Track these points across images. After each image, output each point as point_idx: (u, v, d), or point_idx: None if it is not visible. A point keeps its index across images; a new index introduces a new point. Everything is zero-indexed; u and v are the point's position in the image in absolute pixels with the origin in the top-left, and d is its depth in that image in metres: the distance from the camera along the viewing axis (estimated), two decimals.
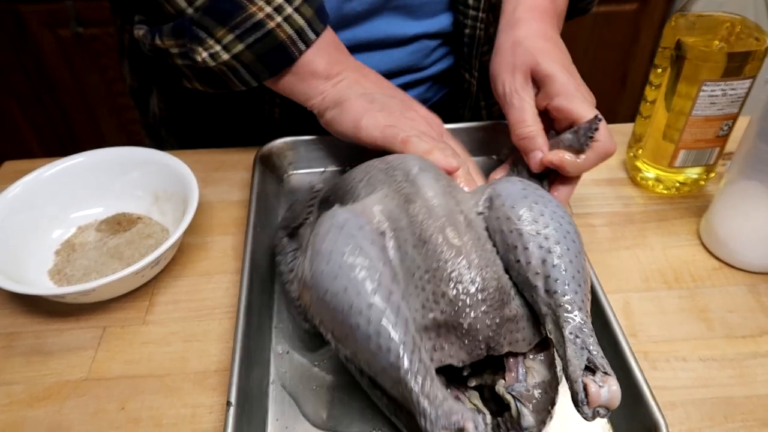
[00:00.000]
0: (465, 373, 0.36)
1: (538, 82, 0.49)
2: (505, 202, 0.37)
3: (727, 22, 0.48)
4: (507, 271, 0.36)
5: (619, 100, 1.82)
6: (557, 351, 0.33)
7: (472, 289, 0.33)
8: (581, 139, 0.46)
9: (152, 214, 0.56)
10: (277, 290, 0.49)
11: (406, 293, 0.34)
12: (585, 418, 0.31)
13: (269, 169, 0.59)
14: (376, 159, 0.44)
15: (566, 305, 0.33)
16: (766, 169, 0.46)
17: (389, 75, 0.64)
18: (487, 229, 0.38)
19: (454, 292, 0.33)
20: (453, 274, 0.34)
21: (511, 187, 0.38)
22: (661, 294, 0.48)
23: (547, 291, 0.34)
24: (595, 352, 0.31)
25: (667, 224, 0.54)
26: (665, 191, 0.57)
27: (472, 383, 0.37)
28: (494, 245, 0.37)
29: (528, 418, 0.33)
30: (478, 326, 0.33)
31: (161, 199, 0.55)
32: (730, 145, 0.54)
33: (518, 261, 0.35)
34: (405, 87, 0.67)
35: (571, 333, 0.32)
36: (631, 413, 0.38)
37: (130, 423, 0.41)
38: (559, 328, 0.32)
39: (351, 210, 0.37)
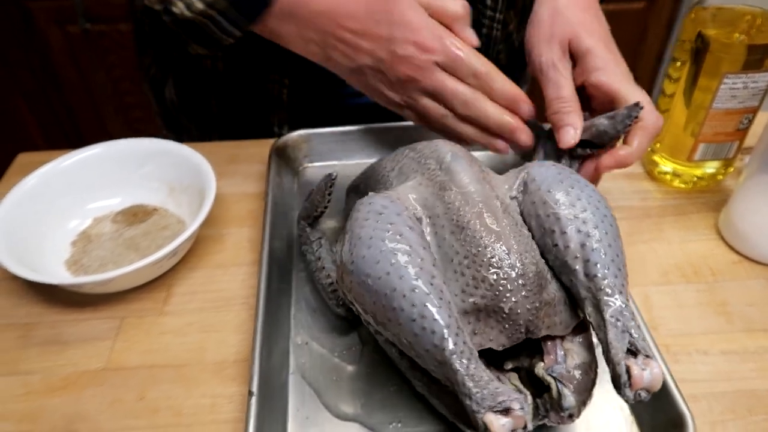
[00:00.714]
0: (502, 356, 0.36)
1: (575, 56, 0.48)
2: (540, 186, 0.37)
3: (747, 15, 0.48)
4: (543, 255, 0.36)
5: None
6: (597, 334, 0.33)
7: (513, 274, 0.34)
8: (618, 126, 0.44)
9: (168, 206, 0.55)
10: (294, 281, 0.49)
11: (445, 278, 0.35)
12: (627, 401, 0.31)
13: (284, 161, 0.59)
14: (406, 147, 0.44)
15: (606, 289, 0.33)
16: None
17: None
18: (521, 213, 0.38)
19: (495, 276, 0.34)
20: (493, 260, 0.34)
21: (546, 171, 0.38)
22: (680, 288, 0.48)
23: (586, 275, 0.34)
24: (636, 336, 0.31)
25: (685, 218, 0.54)
26: (683, 185, 0.57)
27: (509, 366, 0.37)
28: (529, 230, 0.37)
29: (569, 399, 0.33)
30: (519, 310, 0.33)
31: (177, 190, 0.55)
32: (749, 140, 0.54)
33: (556, 245, 0.35)
34: None
35: (612, 316, 0.32)
36: (655, 406, 0.38)
37: (148, 412, 0.41)
38: (599, 311, 0.33)
39: (387, 196, 0.37)
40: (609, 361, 0.31)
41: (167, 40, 0.67)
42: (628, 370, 0.30)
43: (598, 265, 0.33)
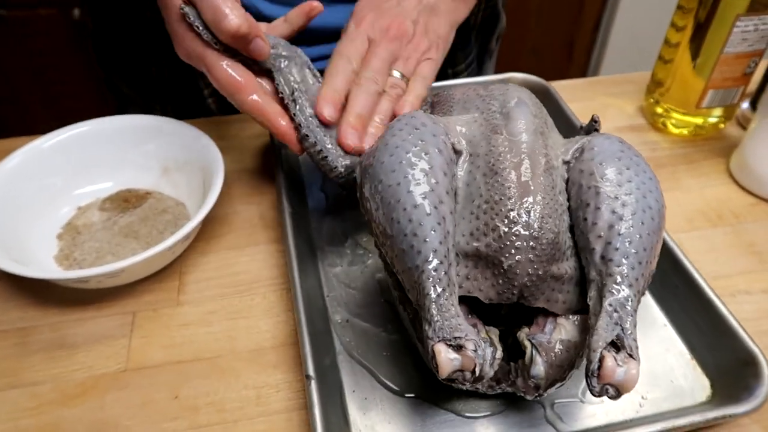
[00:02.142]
0: (496, 320, 0.35)
1: None
2: (594, 157, 0.34)
3: None
4: (572, 228, 0.34)
5: (567, 66, 1.86)
6: (590, 320, 0.31)
7: (525, 233, 0.32)
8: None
9: (162, 188, 0.50)
10: (320, 259, 0.45)
11: (459, 215, 0.34)
12: (591, 392, 0.28)
13: None
14: (480, 86, 0.42)
15: (617, 276, 0.30)
16: None
17: None
18: (567, 179, 0.36)
19: (506, 229, 0.32)
20: (511, 213, 0.32)
21: (609, 145, 0.35)
22: (708, 233, 0.48)
23: (603, 257, 0.31)
24: (628, 332, 0.29)
25: (697, 166, 0.55)
26: (685, 133, 0.57)
27: (501, 328, 0.35)
28: (568, 198, 0.35)
29: (539, 367, 0.31)
30: (518, 271, 0.32)
31: (171, 170, 0.50)
32: (750, 87, 0.55)
33: (585, 219, 0.33)
34: None
35: (610, 305, 0.29)
36: (717, 347, 0.38)
37: (187, 412, 0.36)
38: (600, 296, 0.30)
39: (431, 117, 0.36)
40: (588, 346, 0.29)
41: None
42: (601, 360, 0.28)
43: (618, 251, 0.31)
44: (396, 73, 0.46)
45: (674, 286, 0.41)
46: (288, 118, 0.43)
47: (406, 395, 0.37)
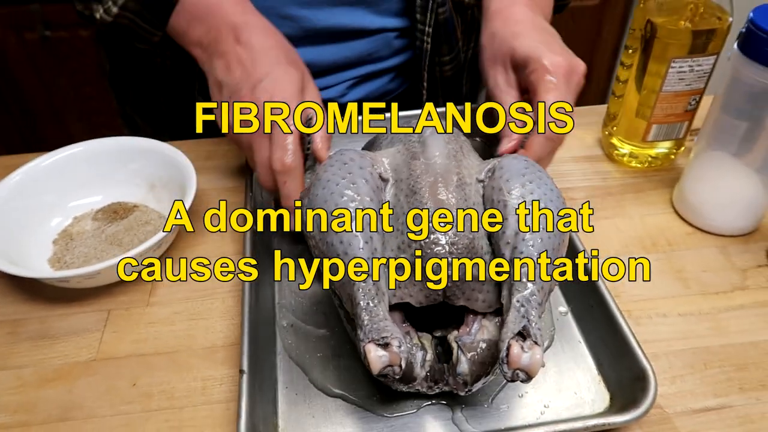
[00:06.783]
0: (433, 323, 0.40)
1: (521, 66, 0.49)
2: (503, 175, 0.40)
3: (691, 4, 0.52)
4: (490, 238, 0.39)
5: (585, 90, 1.88)
6: (503, 316, 0.35)
7: (443, 240, 0.37)
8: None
9: (148, 202, 0.57)
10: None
11: (389, 234, 0.39)
12: (504, 377, 0.33)
13: None
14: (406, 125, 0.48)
15: (522, 277, 0.35)
16: (730, 139, 0.50)
17: (347, 65, 0.65)
18: (483, 196, 0.40)
19: (426, 240, 0.37)
20: (429, 224, 0.37)
21: (516, 164, 0.40)
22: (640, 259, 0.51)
23: (511, 260, 0.36)
24: (533, 323, 0.33)
25: (643, 195, 0.58)
26: (639, 165, 0.61)
27: (437, 333, 0.40)
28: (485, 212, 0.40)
29: (463, 366, 0.36)
30: (440, 276, 0.36)
31: (157, 187, 0.56)
32: (697, 122, 0.58)
33: (497, 230, 0.38)
34: (366, 78, 0.67)
35: (518, 301, 0.34)
36: (620, 365, 0.41)
37: (142, 398, 0.42)
38: (510, 294, 0.35)
39: (358, 152, 0.41)
40: (499, 338, 0.34)
41: (116, 38, 0.69)
42: (509, 348, 0.32)
43: (523, 254, 0.35)
44: None
45: (590, 305, 0.45)
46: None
47: (333, 395, 0.42)
